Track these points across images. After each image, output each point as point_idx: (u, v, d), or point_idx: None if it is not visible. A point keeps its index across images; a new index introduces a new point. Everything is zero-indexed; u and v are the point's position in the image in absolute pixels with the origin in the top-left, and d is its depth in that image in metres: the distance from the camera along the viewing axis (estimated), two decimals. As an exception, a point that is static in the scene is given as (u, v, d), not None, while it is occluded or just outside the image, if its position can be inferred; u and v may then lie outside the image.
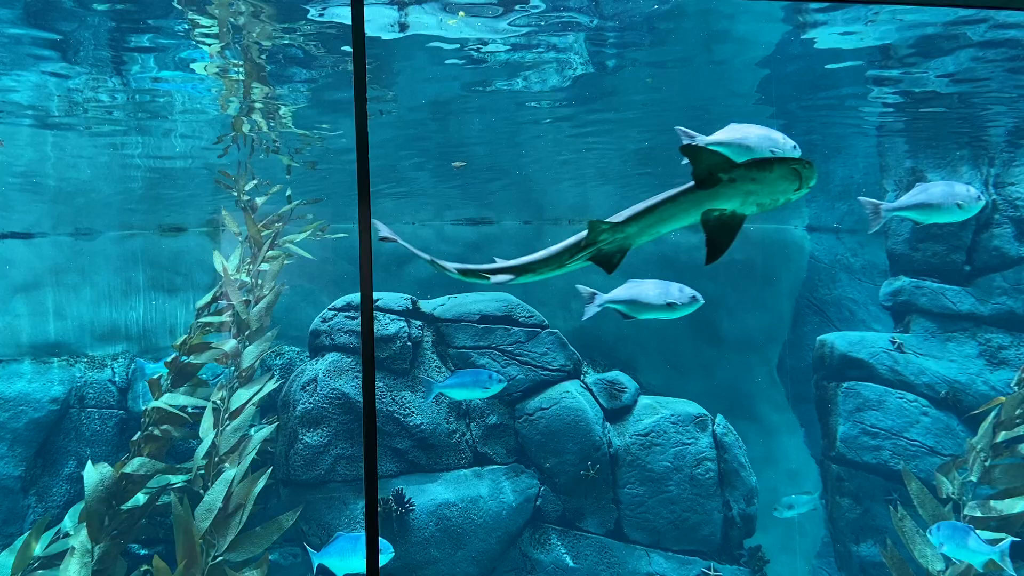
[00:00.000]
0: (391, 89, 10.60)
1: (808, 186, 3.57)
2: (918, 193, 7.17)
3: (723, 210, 3.67)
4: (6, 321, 12.95)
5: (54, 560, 8.45)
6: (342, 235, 11.43)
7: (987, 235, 10.54)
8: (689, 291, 7.18)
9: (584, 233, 3.98)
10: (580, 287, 7.28)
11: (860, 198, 7.51)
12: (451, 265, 4.35)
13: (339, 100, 10.79)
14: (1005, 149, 11.78)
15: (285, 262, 9.85)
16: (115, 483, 8.36)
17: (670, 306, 7.12)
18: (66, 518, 8.87)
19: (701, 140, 6.07)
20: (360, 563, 8.00)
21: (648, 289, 7.13)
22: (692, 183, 3.61)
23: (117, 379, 11.71)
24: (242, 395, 8.96)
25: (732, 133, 5.97)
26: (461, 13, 8.12)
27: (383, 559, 7.94)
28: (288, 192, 10.38)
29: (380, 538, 7.90)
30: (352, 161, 2.90)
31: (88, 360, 12.08)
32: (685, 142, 5.99)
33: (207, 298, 9.64)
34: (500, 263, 4.32)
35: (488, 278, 4.27)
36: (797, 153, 5.73)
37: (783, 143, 5.84)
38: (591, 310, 7.18)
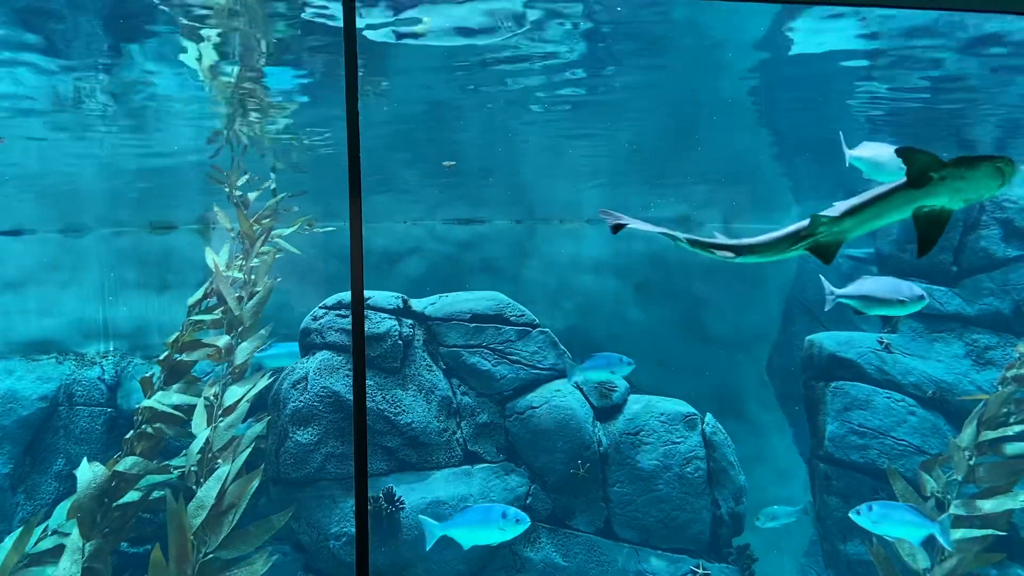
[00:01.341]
0: (383, 86, 10.60)
1: (1009, 182, 3.77)
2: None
3: (933, 206, 3.88)
4: (-5, 318, 12.89)
5: (42, 557, 8.42)
6: (331, 228, 11.41)
7: (974, 236, 10.63)
8: (918, 290, 7.56)
9: (803, 223, 4.24)
10: (823, 278, 7.79)
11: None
12: (682, 235, 4.52)
13: (332, 99, 10.78)
14: (993, 150, 11.86)
15: (276, 256, 9.85)
16: (107, 481, 8.34)
17: (900, 303, 7.50)
18: (54, 515, 8.84)
19: (849, 152, 6.95)
20: (490, 535, 7.96)
21: (882, 286, 7.53)
22: (904, 181, 3.84)
23: (106, 377, 11.68)
24: (235, 392, 8.95)
25: (868, 151, 6.81)
26: (427, 19, 8.14)
27: (518, 530, 7.85)
28: (273, 186, 10.37)
29: (515, 508, 7.92)
30: (342, 160, 2.91)
31: (77, 358, 12.03)
32: (847, 152, 6.96)
33: (198, 295, 9.61)
34: (722, 239, 4.52)
35: (714, 252, 4.48)
36: None
37: None
38: (828, 303, 7.62)
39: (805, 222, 4.22)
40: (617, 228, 4.50)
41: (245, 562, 8.09)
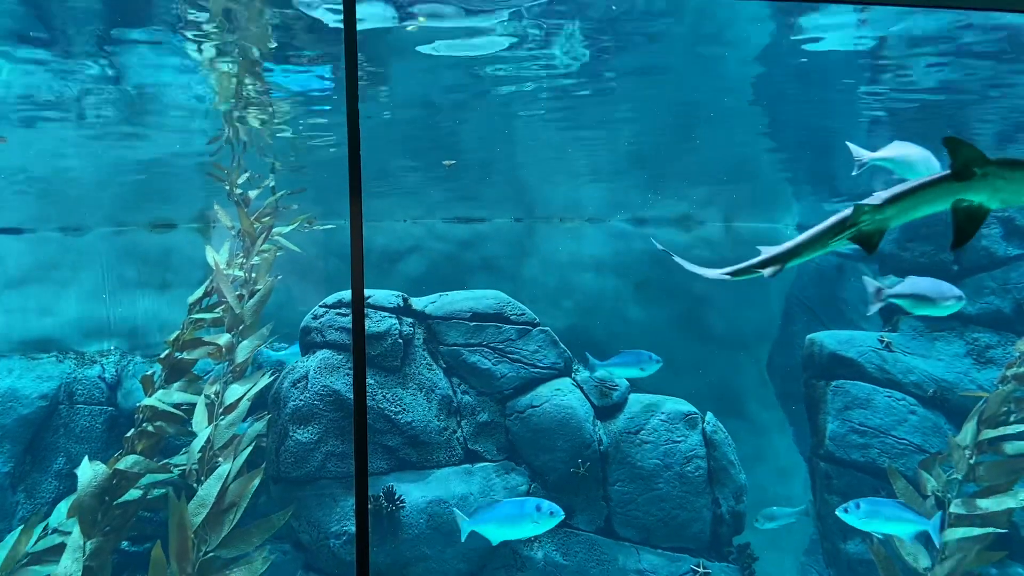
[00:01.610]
0: (383, 86, 10.60)
1: None
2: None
3: (971, 201, 3.90)
4: (-5, 317, 12.89)
5: (42, 556, 8.42)
6: (330, 226, 11.40)
7: (975, 235, 10.60)
8: (957, 291, 7.83)
9: (845, 213, 4.25)
10: (866, 279, 7.90)
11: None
12: (728, 270, 4.51)
13: (333, 97, 10.78)
14: (994, 149, 11.84)
15: (277, 254, 9.85)
16: (107, 480, 8.35)
17: (948, 302, 7.78)
18: (54, 514, 8.84)
19: (867, 155, 7.03)
20: (523, 529, 7.87)
21: (929, 286, 7.77)
22: (947, 172, 3.86)
23: (107, 375, 11.67)
24: (236, 390, 8.94)
25: (896, 151, 6.85)
26: (422, 19, 8.14)
27: (551, 523, 7.79)
28: (272, 184, 10.37)
29: (548, 501, 7.85)
30: (342, 159, 2.91)
31: (78, 356, 12.03)
32: (856, 158, 7.06)
33: (199, 293, 9.60)
34: (767, 252, 4.52)
35: (760, 272, 4.49)
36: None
37: (934, 161, 6.74)
38: (875, 306, 7.72)
39: (846, 212, 4.23)
40: (669, 252, 4.55)
41: (244, 560, 8.09)
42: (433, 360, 9.58)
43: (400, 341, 9.40)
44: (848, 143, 7.21)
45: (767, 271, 4.47)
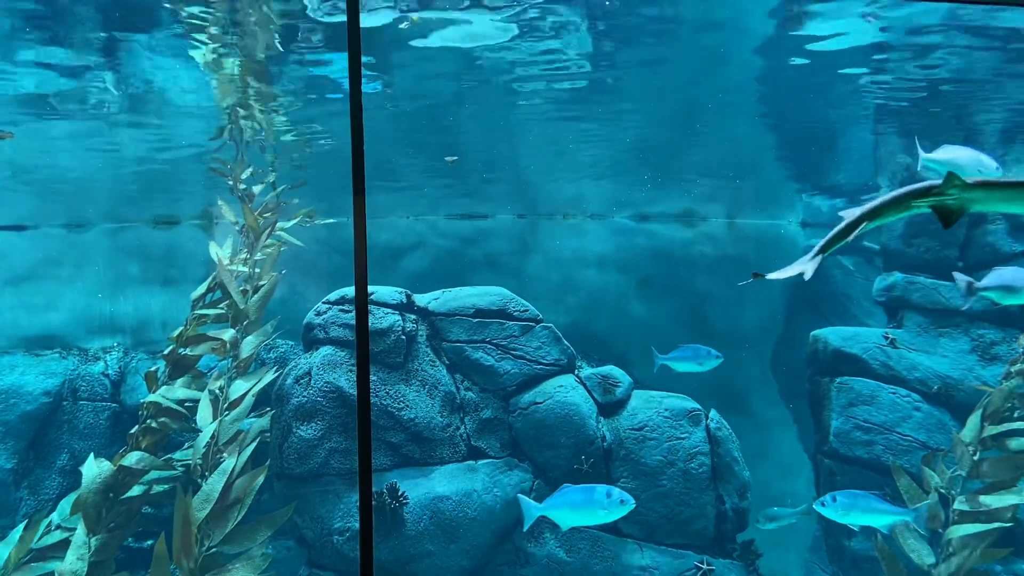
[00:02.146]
0: (385, 81, 10.58)
1: None
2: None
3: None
4: (-2, 313, 12.90)
5: (46, 552, 8.44)
6: (331, 221, 11.40)
7: (980, 231, 10.58)
8: None
9: (933, 181, 4.20)
10: (956, 275, 7.95)
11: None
12: (807, 259, 4.50)
13: (335, 93, 10.76)
14: (999, 145, 11.82)
15: (281, 249, 9.84)
16: (112, 477, 8.36)
17: None
18: (58, 510, 8.85)
19: (921, 157, 7.14)
20: (592, 515, 7.85)
21: (1016, 276, 7.79)
22: None
23: (110, 372, 11.69)
24: (240, 386, 8.94)
25: (947, 154, 7.07)
26: (415, 17, 8.11)
27: (623, 511, 7.77)
28: (273, 179, 10.36)
29: (619, 489, 7.83)
30: (345, 155, 2.89)
31: (81, 353, 12.05)
32: (921, 155, 7.10)
33: (201, 289, 9.59)
34: (848, 215, 4.44)
35: (846, 238, 4.44)
36: (999, 174, 6.71)
37: (987, 163, 6.89)
38: (968, 300, 7.83)
39: (935, 181, 4.20)
40: (757, 275, 4.53)
41: (245, 556, 8.10)
42: (436, 357, 9.57)
43: (403, 338, 9.39)
44: (916, 139, 7.41)
45: (850, 237, 4.43)
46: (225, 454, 8.47)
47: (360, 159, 2.89)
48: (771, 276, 4.48)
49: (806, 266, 4.47)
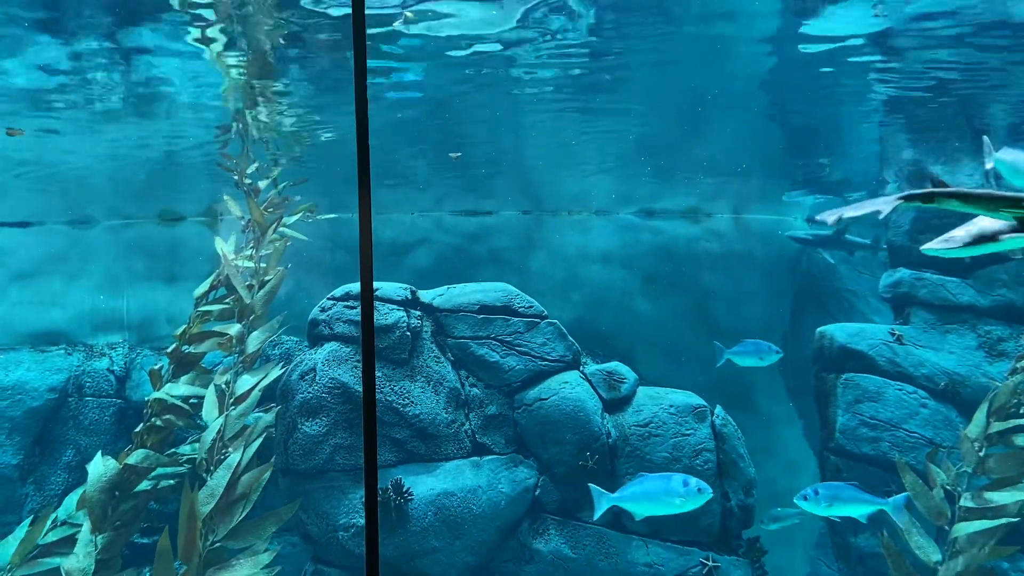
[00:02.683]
0: (390, 78, 10.56)
1: None
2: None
3: None
4: (4, 309, 12.93)
5: (52, 548, 8.46)
6: (332, 216, 11.39)
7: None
8: None
9: None
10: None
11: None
12: (883, 203, 4.40)
13: (339, 90, 10.74)
14: (1005, 141, 11.75)
15: (287, 244, 9.84)
16: (117, 475, 8.37)
17: None
18: (63, 506, 8.86)
19: (992, 155, 7.25)
20: (668, 505, 7.73)
21: None
22: None
23: (116, 368, 11.70)
24: (246, 380, 8.94)
25: (1010, 155, 7.25)
26: (409, 14, 8.09)
27: (700, 500, 7.66)
28: (277, 174, 10.36)
29: (696, 478, 7.72)
30: (348, 151, 2.87)
31: (86, 349, 12.07)
32: (993, 155, 7.22)
33: (204, 286, 9.58)
34: (951, 190, 4.36)
35: (925, 202, 4.31)
36: None
37: None
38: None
39: None
40: (835, 220, 4.45)
41: (249, 551, 8.10)
42: (441, 353, 9.56)
43: (408, 334, 9.38)
44: (984, 137, 7.43)
45: (927, 202, 4.35)
46: (230, 449, 8.47)
47: (365, 154, 2.87)
48: (848, 213, 4.42)
49: (883, 206, 4.38)
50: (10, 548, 8.37)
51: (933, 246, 5.09)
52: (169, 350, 9.29)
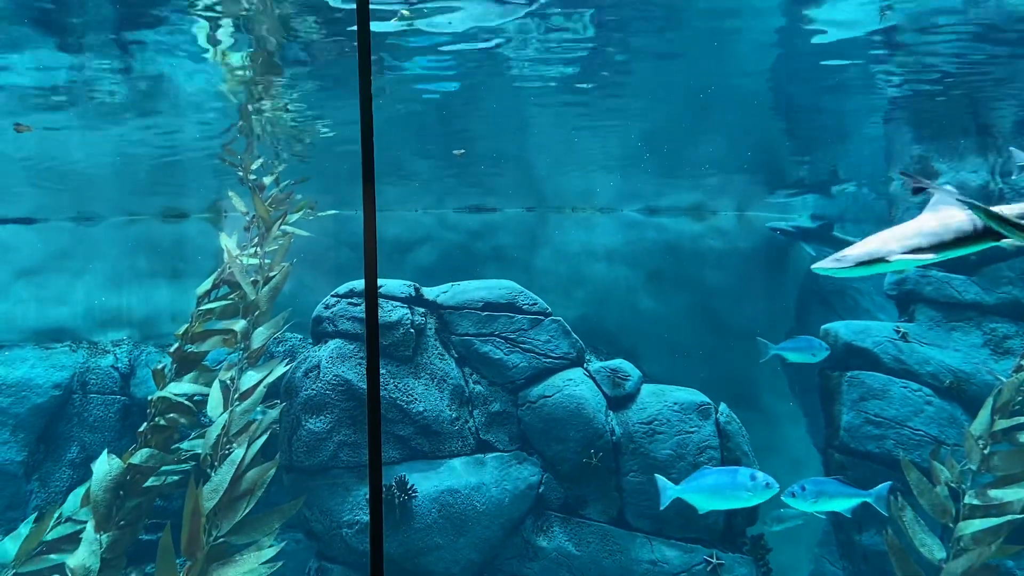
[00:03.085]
0: (391, 76, 10.55)
1: None
2: None
3: None
4: (9, 306, 12.95)
5: (56, 544, 8.47)
6: (331, 212, 11.37)
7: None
8: None
9: None
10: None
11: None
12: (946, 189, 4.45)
13: (344, 87, 10.74)
14: (1012, 138, 11.71)
15: (291, 240, 9.84)
16: (122, 475, 8.38)
17: None
18: (67, 503, 8.88)
19: (1020, 157, 7.29)
20: (733, 498, 7.68)
21: None
22: None
23: (120, 365, 11.72)
24: (251, 377, 8.94)
25: None
26: (405, 12, 8.07)
27: (766, 494, 7.55)
28: (280, 170, 10.35)
29: (764, 473, 7.61)
30: (352, 148, 2.86)
31: (91, 346, 12.08)
32: (1018, 161, 7.18)
33: (207, 284, 9.56)
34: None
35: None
36: None
37: None
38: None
39: None
40: (918, 191, 4.50)
41: (253, 547, 8.10)
42: (445, 350, 9.56)
43: (412, 331, 9.37)
44: (1012, 148, 7.50)
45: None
46: (235, 445, 8.47)
47: (369, 151, 2.86)
48: (919, 183, 4.47)
49: (946, 190, 4.43)
50: (15, 545, 8.39)
51: (824, 265, 5.06)
52: (171, 349, 9.28)
